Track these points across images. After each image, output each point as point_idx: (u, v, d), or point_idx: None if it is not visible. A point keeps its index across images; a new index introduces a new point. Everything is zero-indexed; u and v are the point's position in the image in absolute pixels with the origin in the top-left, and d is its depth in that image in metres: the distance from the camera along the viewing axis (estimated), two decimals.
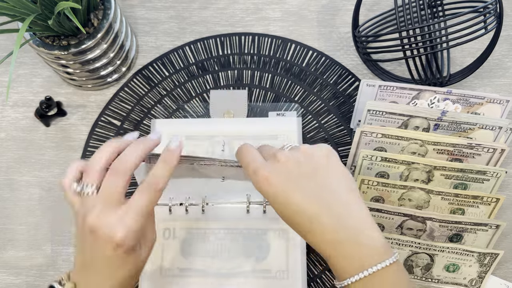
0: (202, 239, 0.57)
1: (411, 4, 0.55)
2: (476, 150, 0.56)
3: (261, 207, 0.56)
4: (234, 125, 0.61)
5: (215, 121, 0.63)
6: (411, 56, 0.57)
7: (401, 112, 0.57)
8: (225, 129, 0.61)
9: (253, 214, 0.57)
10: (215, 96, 0.64)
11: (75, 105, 0.65)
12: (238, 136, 0.60)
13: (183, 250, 0.56)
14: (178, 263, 0.56)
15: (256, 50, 0.67)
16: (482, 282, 0.55)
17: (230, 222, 0.57)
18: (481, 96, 0.58)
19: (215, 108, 0.63)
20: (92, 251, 0.40)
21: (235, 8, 0.70)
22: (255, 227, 0.57)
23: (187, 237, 0.57)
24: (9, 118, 0.65)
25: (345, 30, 0.69)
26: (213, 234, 0.57)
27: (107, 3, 0.58)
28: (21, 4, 0.50)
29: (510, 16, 0.69)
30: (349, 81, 0.66)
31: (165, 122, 0.63)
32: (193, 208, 0.57)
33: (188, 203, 0.56)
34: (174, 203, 0.56)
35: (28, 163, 0.63)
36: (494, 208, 0.55)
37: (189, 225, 0.57)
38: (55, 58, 0.58)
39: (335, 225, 0.39)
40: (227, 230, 0.57)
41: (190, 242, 0.57)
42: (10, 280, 0.59)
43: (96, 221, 0.39)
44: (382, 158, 0.55)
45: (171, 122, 0.63)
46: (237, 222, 0.57)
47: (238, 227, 0.57)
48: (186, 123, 0.63)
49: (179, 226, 0.57)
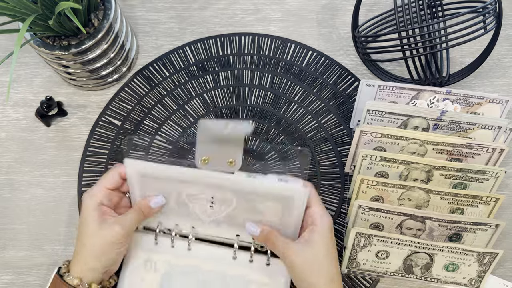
0: (184, 277, 0.53)
1: (411, 4, 0.55)
2: (476, 150, 0.56)
3: (248, 256, 0.53)
4: (222, 180, 0.50)
5: (203, 175, 0.50)
6: (410, 56, 0.57)
7: (400, 112, 0.57)
8: (215, 185, 0.50)
9: (239, 261, 0.53)
10: (204, 128, 0.52)
11: (76, 105, 0.65)
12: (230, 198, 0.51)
13: (162, 285, 0.53)
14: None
15: (256, 50, 0.68)
16: (482, 281, 0.55)
17: (216, 265, 0.53)
18: (480, 96, 0.58)
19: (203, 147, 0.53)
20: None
21: (235, 8, 0.70)
22: (239, 275, 0.53)
23: (169, 272, 0.53)
24: (9, 118, 0.65)
25: (344, 30, 0.69)
26: (196, 274, 0.53)
27: (107, 3, 0.59)
28: (21, 4, 0.51)
29: (509, 16, 0.69)
30: (349, 81, 0.66)
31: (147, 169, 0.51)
32: (179, 243, 0.53)
33: (177, 230, 0.53)
34: (162, 228, 0.53)
35: (28, 163, 0.63)
36: (493, 207, 0.55)
37: (173, 260, 0.53)
38: (56, 58, 0.58)
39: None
40: (212, 273, 0.53)
41: (169, 278, 0.53)
42: (11, 279, 0.59)
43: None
44: (382, 158, 0.55)
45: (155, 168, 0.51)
46: (222, 266, 0.53)
47: (223, 272, 0.53)
48: (171, 173, 0.50)
49: (162, 259, 0.53)
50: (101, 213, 0.49)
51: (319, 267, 0.48)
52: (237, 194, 0.50)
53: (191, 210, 0.52)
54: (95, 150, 0.63)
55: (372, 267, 0.55)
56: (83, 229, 0.49)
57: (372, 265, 0.55)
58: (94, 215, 0.49)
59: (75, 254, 0.49)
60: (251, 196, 0.49)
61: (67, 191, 0.62)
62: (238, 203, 0.50)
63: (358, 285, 0.58)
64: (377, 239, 0.53)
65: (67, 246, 0.60)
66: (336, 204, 0.61)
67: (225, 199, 0.50)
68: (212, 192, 0.50)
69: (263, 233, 0.50)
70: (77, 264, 0.49)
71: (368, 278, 0.58)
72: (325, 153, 0.63)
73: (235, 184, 0.49)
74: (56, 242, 0.60)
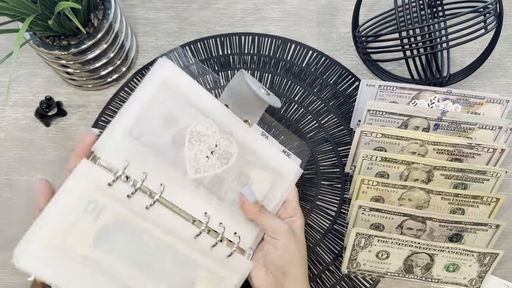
0: (128, 237, 0.43)
1: (411, 4, 0.55)
2: (476, 150, 0.56)
3: (212, 241, 0.46)
4: (237, 129, 0.48)
5: (229, 113, 0.48)
6: (411, 56, 0.57)
7: (401, 112, 0.57)
8: (225, 123, 0.48)
9: (200, 242, 0.46)
10: (241, 78, 0.47)
11: (75, 105, 0.65)
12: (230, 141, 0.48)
13: (98, 237, 0.42)
14: (84, 249, 0.41)
15: (256, 50, 0.68)
16: (482, 282, 0.55)
17: (170, 237, 0.45)
18: (481, 96, 0.58)
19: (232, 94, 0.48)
20: None
21: (235, 8, 0.70)
22: (193, 257, 0.46)
23: (111, 226, 0.42)
24: (9, 118, 0.65)
25: (345, 30, 0.69)
26: (143, 238, 0.44)
27: (107, 3, 0.59)
28: (21, 4, 0.50)
29: (510, 16, 0.69)
30: (349, 81, 0.66)
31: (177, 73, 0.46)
32: (139, 198, 0.43)
33: (141, 183, 0.43)
34: (126, 173, 0.43)
35: (28, 163, 0.63)
36: (494, 208, 0.55)
37: (122, 214, 0.43)
38: (55, 58, 0.58)
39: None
40: (162, 243, 0.44)
41: (111, 232, 0.42)
42: (11, 280, 0.59)
43: None
44: (382, 158, 0.55)
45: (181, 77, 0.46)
46: (177, 240, 0.45)
47: (176, 247, 0.45)
48: (196, 88, 0.46)
49: (110, 207, 0.42)
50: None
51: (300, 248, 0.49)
52: (240, 150, 0.48)
53: (182, 155, 0.45)
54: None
55: (373, 268, 0.55)
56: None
57: (372, 265, 0.55)
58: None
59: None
60: (251, 158, 0.48)
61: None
62: (236, 163, 0.48)
63: (358, 285, 0.58)
64: (377, 239, 0.53)
65: None
66: (336, 204, 0.61)
67: (227, 152, 0.47)
68: (220, 137, 0.47)
69: (258, 203, 0.48)
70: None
71: (368, 278, 0.58)
72: (325, 153, 0.63)
73: (248, 135, 0.47)
74: None
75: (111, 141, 0.43)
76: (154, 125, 0.44)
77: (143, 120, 0.44)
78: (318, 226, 0.60)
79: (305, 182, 0.62)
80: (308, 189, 0.61)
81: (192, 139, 0.46)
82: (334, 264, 0.59)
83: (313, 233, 0.60)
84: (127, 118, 0.43)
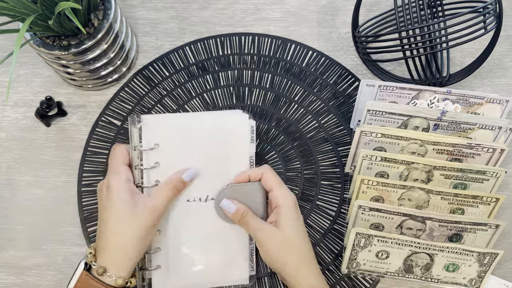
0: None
1: (411, 4, 0.55)
2: (476, 150, 0.56)
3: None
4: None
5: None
6: (411, 56, 0.57)
7: (400, 112, 0.57)
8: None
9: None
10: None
11: (76, 105, 0.65)
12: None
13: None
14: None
15: (256, 50, 0.68)
16: (482, 281, 0.55)
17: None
18: (480, 96, 0.58)
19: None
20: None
21: (235, 8, 0.70)
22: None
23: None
24: (9, 118, 0.65)
25: (345, 30, 0.69)
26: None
27: (107, 3, 0.59)
28: (21, 4, 0.50)
29: (509, 16, 0.69)
30: (349, 81, 0.66)
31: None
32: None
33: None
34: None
35: (28, 163, 0.63)
36: (493, 208, 0.55)
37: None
38: (56, 58, 0.58)
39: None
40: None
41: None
42: (11, 280, 0.59)
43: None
44: (382, 158, 0.55)
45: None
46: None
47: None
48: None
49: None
50: (130, 193, 0.46)
51: (289, 248, 0.49)
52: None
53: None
54: (95, 150, 0.63)
55: (372, 267, 0.55)
56: (114, 214, 0.45)
57: (372, 265, 0.55)
58: (124, 197, 0.45)
59: (106, 245, 0.45)
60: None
61: (67, 191, 0.61)
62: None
63: (358, 285, 0.58)
64: (377, 239, 0.53)
65: (67, 246, 0.60)
66: (336, 204, 0.61)
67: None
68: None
69: (238, 212, 0.51)
70: (113, 257, 0.44)
71: (368, 278, 0.58)
72: (325, 153, 0.63)
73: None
74: (56, 242, 0.60)
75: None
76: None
77: None
78: (318, 226, 0.60)
79: (305, 182, 0.62)
80: (308, 189, 0.61)
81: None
82: (334, 264, 0.59)
83: (313, 233, 0.60)
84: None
